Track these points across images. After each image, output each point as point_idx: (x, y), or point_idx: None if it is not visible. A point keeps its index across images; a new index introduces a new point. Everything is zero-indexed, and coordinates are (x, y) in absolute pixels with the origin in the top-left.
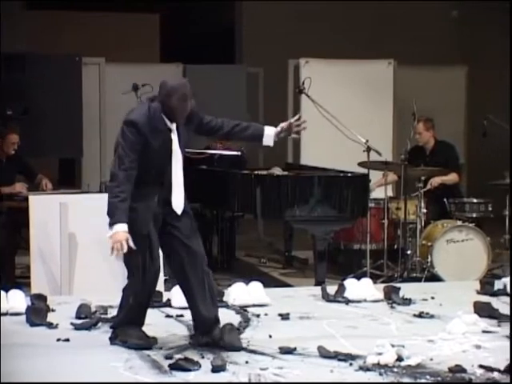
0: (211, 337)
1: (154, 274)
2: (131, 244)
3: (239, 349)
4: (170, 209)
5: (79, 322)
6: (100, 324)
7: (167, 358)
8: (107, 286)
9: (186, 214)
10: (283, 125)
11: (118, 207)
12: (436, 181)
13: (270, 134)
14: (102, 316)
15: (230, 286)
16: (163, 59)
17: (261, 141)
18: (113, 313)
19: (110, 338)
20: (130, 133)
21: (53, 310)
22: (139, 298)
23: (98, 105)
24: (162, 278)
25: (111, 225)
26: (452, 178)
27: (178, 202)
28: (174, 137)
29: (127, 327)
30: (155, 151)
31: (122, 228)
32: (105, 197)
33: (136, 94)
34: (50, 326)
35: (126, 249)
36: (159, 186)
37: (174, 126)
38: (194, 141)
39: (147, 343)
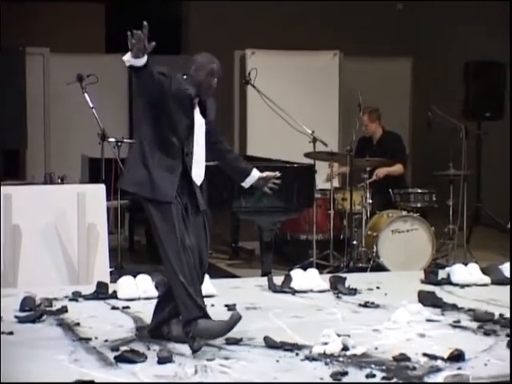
0: (159, 332)
1: (190, 245)
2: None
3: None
4: (190, 201)
5: (23, 314)
6: (45, 317)
7: (113, 349)
8: (52, 279)
9: (203, 210)
10: (265, 175)
11: None
12: (381, 172)
13: (251, 180)
14: (47, 309)
15: None
16: (108, 49)
17: (242, 180)
18: (57, 305)
19: (189, 342)
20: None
21: None
22: (188, 274)
23: (43, 95)
24: (107, 269)
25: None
26: (397, 169)
27: (197, 174)
28: (197, 109)
29: (199, 323)
30: (177, 120)
31: None
32: (49, 188)
33: (81, 84)
34: None
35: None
36: (183, 159)
37: (196, 100)
38: None
39: (229, 325)
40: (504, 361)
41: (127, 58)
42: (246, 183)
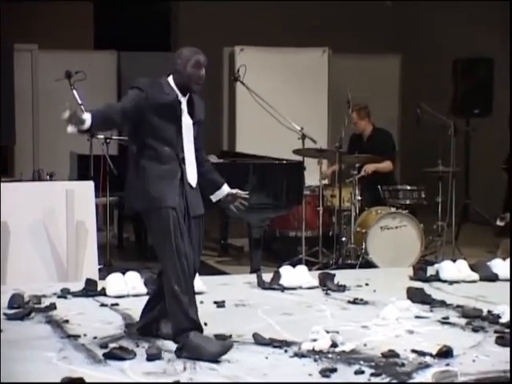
0: (148, 330)
1: (186, 252)
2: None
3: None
4: (187, 204)
5: (12, 311)
6: (33, 314)
7: (102, 347)
8: (40, 276)
9: (201, 217)
10: (235, 191)
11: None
12: (370, 168)
13: (220, 194)
14: (36, 306)
15: None
16: (97, 46)
17: (212, 193)
18: (46, 302)
19: (176, 352)
20: (131, 90)
21: None
22: (184, 283)
23: (31, 92)
24: (96, 266)
25: None
26: (386, 165)
27: (192, 176)
28: (184, 109)
29: (191, 337)
30: (164, 128)
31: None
32: (38, 185)
33: (69, 81)
34: None
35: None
36: (180, 165)
37: (184, 99)
38: None
39: (225, 348)
40: (492, 357)
41: (71, 129)
42: (215, 196)
